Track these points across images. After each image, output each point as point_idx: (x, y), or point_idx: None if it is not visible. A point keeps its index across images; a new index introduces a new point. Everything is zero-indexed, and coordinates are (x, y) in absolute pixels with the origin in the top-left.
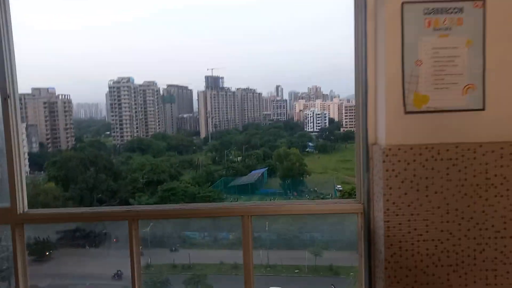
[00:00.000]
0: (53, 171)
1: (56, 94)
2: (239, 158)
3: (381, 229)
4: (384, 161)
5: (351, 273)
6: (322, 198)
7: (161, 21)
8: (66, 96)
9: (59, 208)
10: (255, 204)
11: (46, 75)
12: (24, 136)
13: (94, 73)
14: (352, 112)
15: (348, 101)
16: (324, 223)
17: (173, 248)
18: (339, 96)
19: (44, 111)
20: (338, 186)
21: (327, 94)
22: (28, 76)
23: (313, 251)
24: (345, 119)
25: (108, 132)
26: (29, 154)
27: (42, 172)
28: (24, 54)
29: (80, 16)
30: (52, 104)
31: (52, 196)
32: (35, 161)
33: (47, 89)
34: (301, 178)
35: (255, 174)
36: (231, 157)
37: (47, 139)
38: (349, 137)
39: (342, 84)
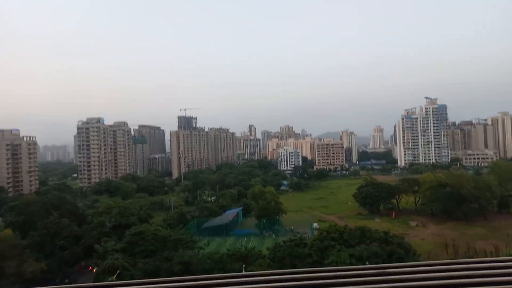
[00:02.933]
0: (10, 217)
1: (21, 135)
2: (212, 198)
3: None
4: None
5: None
6: (300, 238)
7: (131, 60)
8: (31, 138)
9: None
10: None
11: (11, 117)
12: None
13: (63, 114)
14: (325, 151)
15: (320, 139)
16: None
17: None
18: (311, 135)
19: (7, 154)
20: (315, 224)
21: (299, 133)
22: None
23: None
24: (318, 157)
25: (75, 175)
26: None
27: (0, 218)
28: None
29: (48, 57)
30: (15, 147)
31: (8, 244)
32: None
33: (11, 130)
34: (277, 217)
35: (230, 214)
36: (204, 197)
37: (8, 183)
38: (322, 175)
39: (313, 123)
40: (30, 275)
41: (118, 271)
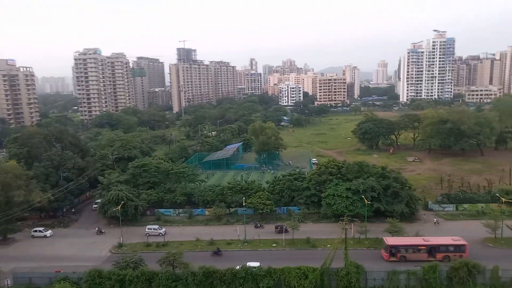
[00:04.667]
0: (14, 148)
1: (17, 66)
2: (213, 133)
3: None
4: None
5: (328, 245)
6: (298, 172)
7: None
8: (28, 69)
9: None
10: None
11: (5, 48)
12: None
13: (59, 44)
14: (326, 86)
15: (322, 74)
16: None
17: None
18: (313, 70)
19: (4, 84)
20: (314, 159)
21: (301, 68)
22: None
23: (291, 224)
24: (319, 92)
25: (75, 107)
26: None
27: (4, 150)
28: None
29: None
30: (12, 77)
31: (13, 174)
32: None
33: (6, 60)
34: (277, 152)
35: (231, 148)
36: (205, 131)
37: (9, 114)
38: (323, 110)
39: (316, 58)
40: (38, 204)
41: (122, 202)
